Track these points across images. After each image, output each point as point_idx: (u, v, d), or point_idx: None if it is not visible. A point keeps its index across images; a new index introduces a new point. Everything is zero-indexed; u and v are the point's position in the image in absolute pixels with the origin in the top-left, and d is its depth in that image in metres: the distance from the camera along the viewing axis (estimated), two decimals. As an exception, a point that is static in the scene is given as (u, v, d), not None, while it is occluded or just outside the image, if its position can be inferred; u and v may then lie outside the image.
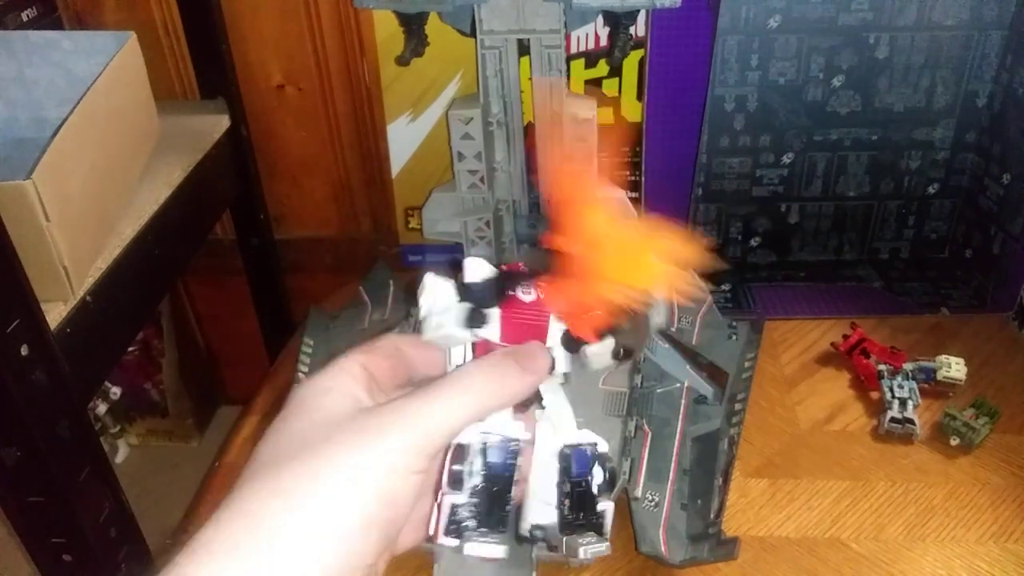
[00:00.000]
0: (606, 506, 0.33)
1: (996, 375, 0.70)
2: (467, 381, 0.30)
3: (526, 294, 0.33)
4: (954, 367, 0.67)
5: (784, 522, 0.58)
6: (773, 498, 0.59)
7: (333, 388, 0.30)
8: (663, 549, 0.52)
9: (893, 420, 0.63)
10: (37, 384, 0.53)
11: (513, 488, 0.32)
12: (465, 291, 0.33)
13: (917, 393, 0.65)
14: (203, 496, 0.64)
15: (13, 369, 0.51)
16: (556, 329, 0.34)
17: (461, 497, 0.31)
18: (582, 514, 0.33)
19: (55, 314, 0.57)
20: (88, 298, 0.61)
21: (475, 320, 0.33)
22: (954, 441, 0.62)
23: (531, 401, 0.34)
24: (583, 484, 0.33)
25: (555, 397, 0.35)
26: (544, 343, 0.33)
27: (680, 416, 0.60)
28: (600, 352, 0.33)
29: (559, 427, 0.34)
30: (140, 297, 0.72)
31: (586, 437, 0.34)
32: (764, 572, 0.54)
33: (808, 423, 0.66)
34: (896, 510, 0.58)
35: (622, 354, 0.33)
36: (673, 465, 0.57)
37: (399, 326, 0.67)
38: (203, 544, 0.26)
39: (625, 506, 0.55)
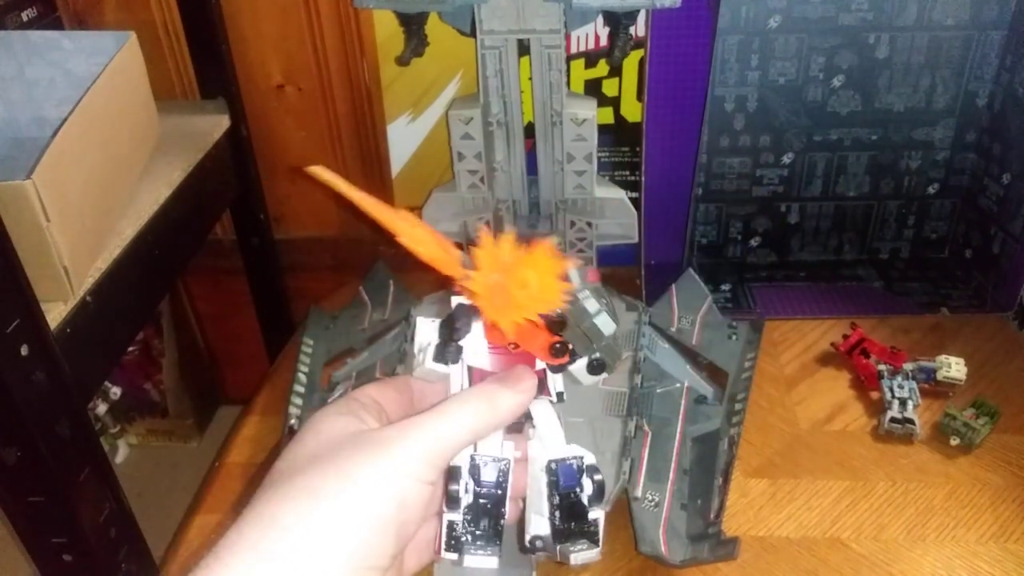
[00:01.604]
0: (598, 515, 0.36)
1: (996, 375, 0.70)
2: (464, 402, 0.34)
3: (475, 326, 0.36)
4: (954, 367, 0.67)
5: (784, 522, 0.58)
6: (773, 498, 0.59)
7: (345, 413, 0.34)
8: (663, 549, 0.52)
9: (893, 420, 0.63)
10: (37, 384, 0.53)
11: (507, 503, 0.35)
12: (440, 330, 0.37)
13: (917, 393, 0.65)
14: (203, 496, 0.63)
15: (13, 369, 0.51)
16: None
17: (457, 515, 0.34)
18: (574, 523, 0.35)
19: (55, 314, 0.57)
20: (88, 298, 0.61)
21: (441, 356, 0.36)
22: (954, 441, 0.62)
23: (522, 422, 0.37)
24: (573, 495, 0.35)
25: (544, 415, 0.37)
26: (532, 367, 0.36)
27: (680, 416, 0.60)
28: (579, 369, 0.36)
29: (547, 443, 0.36)
30: (140, 297, 0.72)
31: (573, 451, 0.36)
32: (764, 572, 0.54)
33: (808, 423, 0.66)
34: (896, 510, 0.58)
35: (596, 366, 0.36)
36: (673, 465, 0.57)
37: (399, 327, 0.67)
38: (227, 546, 0.28)
39: (625, 506, 0.55)
